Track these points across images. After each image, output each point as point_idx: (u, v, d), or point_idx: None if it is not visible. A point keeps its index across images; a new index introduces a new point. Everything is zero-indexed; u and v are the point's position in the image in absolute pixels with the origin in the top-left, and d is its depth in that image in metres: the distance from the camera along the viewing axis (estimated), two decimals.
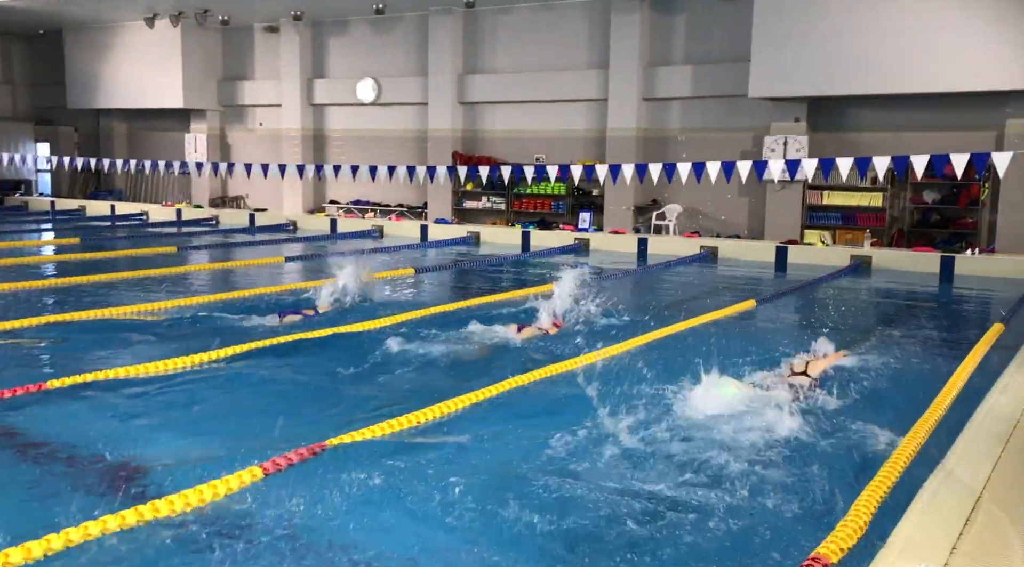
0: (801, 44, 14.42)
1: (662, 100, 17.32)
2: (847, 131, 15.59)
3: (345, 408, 5.73)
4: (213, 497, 4.10)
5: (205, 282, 11.42)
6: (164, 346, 7.28)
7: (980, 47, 13.15)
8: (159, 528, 3.84)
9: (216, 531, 3.85)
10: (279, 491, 4.23)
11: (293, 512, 4.04)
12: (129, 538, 3.73)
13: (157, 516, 3.89)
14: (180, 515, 3.95)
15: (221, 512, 4.02)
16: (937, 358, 7.14)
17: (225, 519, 3.97)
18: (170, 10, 20.44)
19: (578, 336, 7.58)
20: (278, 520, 3.97)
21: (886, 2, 13.76)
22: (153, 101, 22.52)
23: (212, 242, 16.17)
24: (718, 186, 14.86)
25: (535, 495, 4.28)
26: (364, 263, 9.41)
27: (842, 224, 15.63)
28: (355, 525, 3.98)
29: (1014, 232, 13.97)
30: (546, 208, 18.82)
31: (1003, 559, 3.26)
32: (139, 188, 24.78)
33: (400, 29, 20.23)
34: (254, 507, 4.09)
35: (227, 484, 4.22)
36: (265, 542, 3.78)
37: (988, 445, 4.55)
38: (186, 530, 3.85)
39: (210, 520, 3.95)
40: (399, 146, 20.71)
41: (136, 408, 5.64)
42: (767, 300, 10.13)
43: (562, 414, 5.51)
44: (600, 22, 17.77)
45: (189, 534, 3.83)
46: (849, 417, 5.51)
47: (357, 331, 7.86)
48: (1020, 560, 3.25)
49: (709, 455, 4.80)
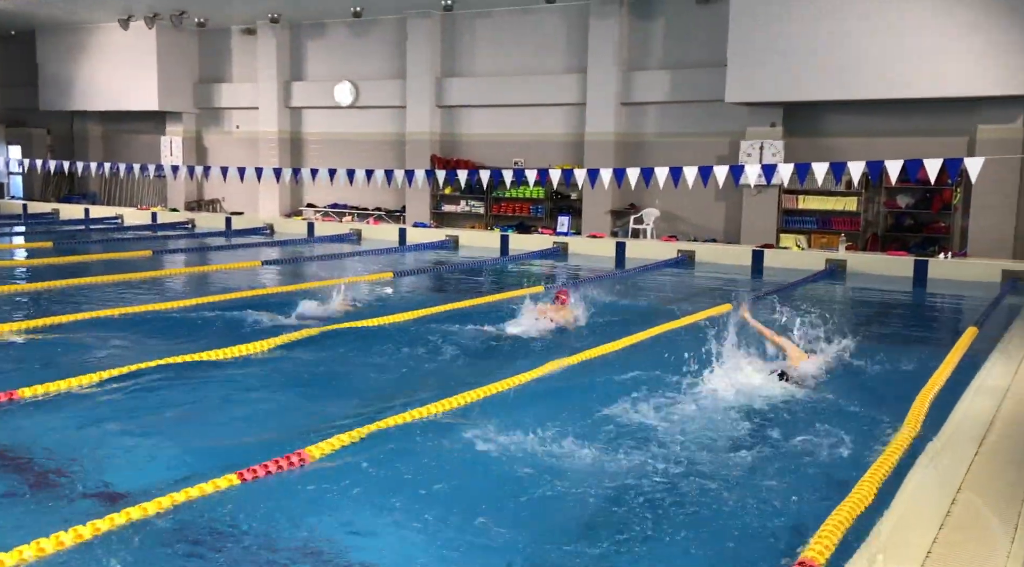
0: (777, 50, 14.54)
1: (640, 105, 17.40)
2: (822, 136, 15.74)
3: (321, 415, 5.70)
4: (187, 500, 4.06)
5: (181, 286, 11.32)
6: (140, 351, 7.20)
7: (952, 54, 13.32)
8: (136, 534, 3.79)
9: (196, 538, 3.82)
10: (256, 497, 4.20)
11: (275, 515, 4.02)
12: (104, 545, 3.68)
13: (131, 520, 3.84)
14: (155, 520, 3.90)
15: (197, 517, 3.98)
16: (915, 362, 7.21)
17: (202, 525, 3.93)
18: (145, 12, 20.25)
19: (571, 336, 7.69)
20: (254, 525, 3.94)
21: (861, 10, 13.91)
22: (128, 103, 22.30)
23: (188, 246, 16.03)
24: (695, 190, 14.94)
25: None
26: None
27: (817, 228, 15.77)
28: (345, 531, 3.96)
29: (986, 236, 14.16)
30: (525, 212, 18.83)
31: (978, 560, 3.30)
32: (114, 191, 24.51)
33: (378, 32, 20.18)
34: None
35: (202, 489, 4.18)
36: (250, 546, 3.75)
37: (963, 447, 4.60)
38: (165, 535, 3.81)
39: (187, 525, 3.91)
40: (377, 149, 20.64)
41: (109, 413, 5.57)
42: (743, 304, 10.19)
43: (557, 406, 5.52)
44: (578, 26, 17.83)
45: (166, 539, 3.78)
46: (832, 419, 5.56)
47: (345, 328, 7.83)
48: (995, 561, 3.28)
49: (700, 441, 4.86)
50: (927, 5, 13.46)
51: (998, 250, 13.95)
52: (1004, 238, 14.05)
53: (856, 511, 3.81)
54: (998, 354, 7.15)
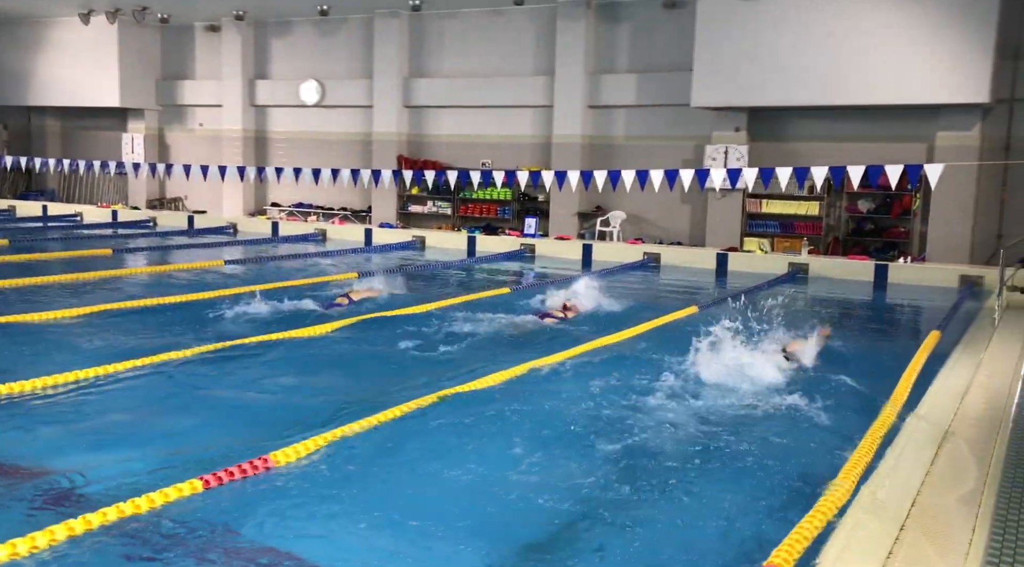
0: (742, 56, 14.70)
1: (607, 108, 17.49)
2: (786, 141, 15.95)
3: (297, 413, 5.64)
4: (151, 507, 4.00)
5: (141, 285, 11.13)
6: (100, 352, 7.07)
7: (913, 63, 13.58)
8: (97, 540, 3.72)
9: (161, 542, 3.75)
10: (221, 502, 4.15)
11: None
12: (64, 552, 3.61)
13: (90, 528, 3.77)
14: (118, 526, 3.83)
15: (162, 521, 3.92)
16: (879, 366, 7.30)
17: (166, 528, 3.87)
18: (106, 6, 19.91)
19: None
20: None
21: (824, 17, 14.12)
22: (88, 99, 21.90)
23: (149, 244, 15.78)
24: (661, 193, 15.05)
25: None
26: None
27: (780, 232, 15.97)
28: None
29: (944, 241, 14.44)
30: (492, 213, 18.82)
31: (936, 561, 3.35)
32: (73, 189, 24.05)
33: (345, 31, 20.05)
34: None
35: (165, 494, 4.11)
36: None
37: (923, 450, 4.68)
38: (125, 541, 3.74)
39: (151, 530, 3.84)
40: (343, 149, 20.51)
41: (68, 415, 5.46)
42: (708, 306, 10.28)
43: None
44: (546, 29, 17.87)
45: (127, 545, 3.72)
46: (798, 424, 5.64)
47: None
48: (953, 561, 3.34)
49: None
50: (889, 15, 13.70)
51: (955, 255, 14.24)
52: (961, 243, 14.34)
53: (826, 517, 3.82)
54: (957, 357, 7.29)
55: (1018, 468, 4.36)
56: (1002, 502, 3.89)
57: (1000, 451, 4.64)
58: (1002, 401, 5.76)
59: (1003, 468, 4.35)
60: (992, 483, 4.14)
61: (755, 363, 6.75)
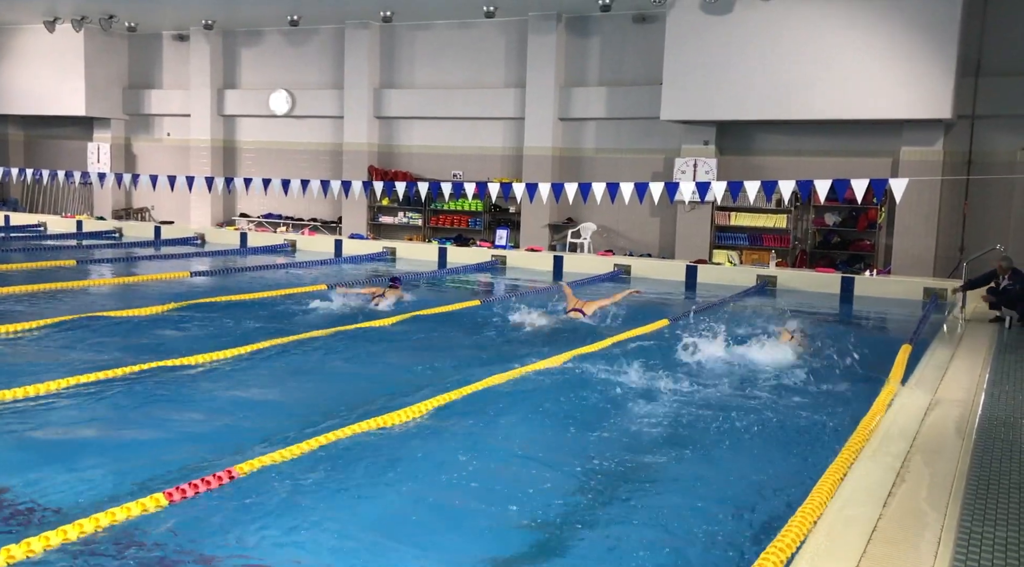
0: (710, 70, 14.86)
1: (577, 120, 17.57)
2: (754, 154, 16.13)
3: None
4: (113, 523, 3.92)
5: (106, 296, 10.95)
6: (61, 365, 6.94)
7: (877, 79, 13.81)
8: (57, 558, 3.64)
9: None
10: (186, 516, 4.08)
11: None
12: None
13: (49, 547, 3.68)
14: (80, 543, 3.75)
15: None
16: (852, 380, 7.36)
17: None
18: (72, 14, 19.65)
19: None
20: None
21: (792, 34, 14.33)
22: (53, 108, 21.58)
23: (114, 256, 15.55)
24: (631, 206, 15.14)
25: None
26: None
27: (748, 245, 16.12)
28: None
29: (908, 254, 14.67)
30: (463, 225, 18.80)
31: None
32: (37, 198, 23.64)
33: (316, 41, 19.97)
34: None
35: (128, 510, 4.03)
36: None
37: (887, 466, 4.71)
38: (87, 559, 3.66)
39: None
40: (313, 159, 20.39)
41: (26, 431, 5.34)
42: (679, 318, 10.34)
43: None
44: (517, 42, 17.93)
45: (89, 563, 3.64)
46: (771, 439, 5.67)
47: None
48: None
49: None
50: (855, 33, 13.93)
51: (919, 268, 14.46)
52: (925, 256, 14.57)
53: (799, 534, 3.83)
54: (921, 370, 7.38)
55: (982, 481, 4.41)
56: (966, 515, 3.93)
57: (964, 464, 4.70)
58: (966, 414, 5.84)
59: (967, 481, 4.41)
60: (957, 496, 4.19)
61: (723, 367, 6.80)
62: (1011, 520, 3.88)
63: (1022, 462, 4.74)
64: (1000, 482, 4.40)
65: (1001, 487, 4.32)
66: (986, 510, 3.99)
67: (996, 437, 5.23)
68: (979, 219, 14.63)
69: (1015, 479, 4.46)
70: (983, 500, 4.12)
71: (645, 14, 16.58)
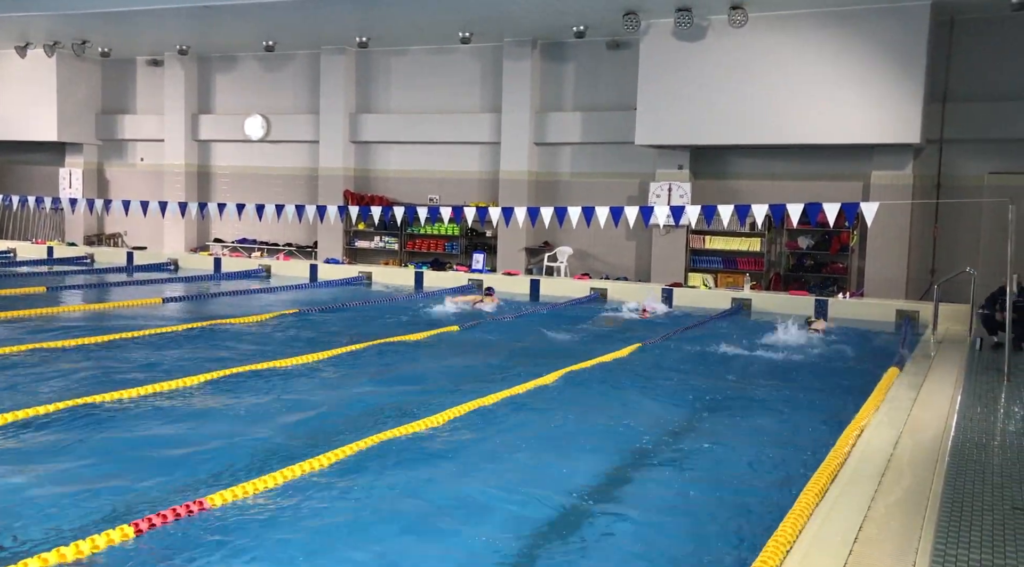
0: (683, 96, 15.02)
1: (553, 145, 17.68)
2: (727, 178, 16.28)
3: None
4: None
5: (76, 323, 10.79)
6: (32, 393, 6.82)
7: (848, 104, 14.03)
8: None
9: None
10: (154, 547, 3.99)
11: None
12: None
13: None
14: None
15: None
16: (832, 401, 7.38)
17: None
18: (44, 39, 19.52)
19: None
20: None
21: (763, 60, 14.53)
22: (25, 133, 21.38)
23: (86, 282, 15.36)
24: (607, 229, 15.20)
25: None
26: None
27: (723, 268, 16.23)
28: None
29: (880, 277, 14.83)
30: (440, 249, 18.79)
31: None
32: (7, 224, 23.34)
33: (291, 66, 19.98)
34: None
35: (94, 542, 3.94)
36: None
37: (860, 489, 4.72)
38: None
39: None
40: (289, 184, 20.33)
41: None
42: (653, 344, 10.36)
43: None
44: (493, 67, 18.04)
45: None
46: (750, 461, 5.66)
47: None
48: None
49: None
50: (825, 59, 14.16)
51: (892, 290, 14.62)
52: (897, 278, 14.74)
53: (779, 553, 3.81)
54: (895, 392, 7.43)
55: (955, 503, 4.43)
56: (940, 538, 3.94)
57: (938, 487, 4.72)
58: (939, 436, 5.87)
59: (941, 503, 4.42)
60: (931, 518, 4.20)
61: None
62: (984, 543, 3.89)
63: (995, 484, 4.77)
64: (974, 504, 4.42)
65: (975, 509, 4.34)
66: (959, 533, 4.00)
67: (969, 459, 5.26)
68: (949, 242, 14.85)
69: (988, 501, 4.48)
70: (957, 523, 4.14)
71: (619, 40, 16.76)
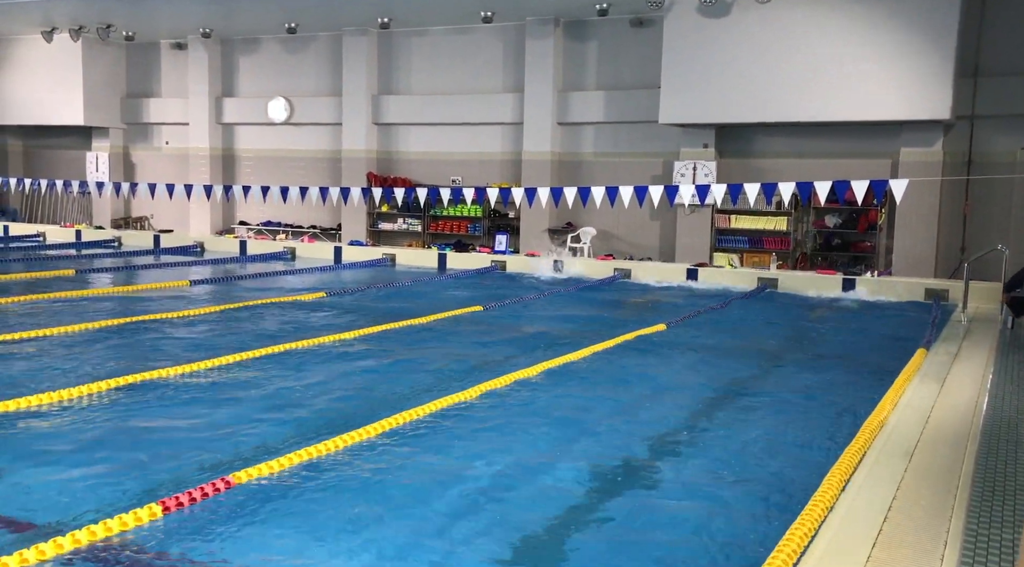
0: (709, 73, 14.84)
1: (576, 124, 17.55)
2: (753, 157, 16.09)
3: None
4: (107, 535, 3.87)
5: (105, 305, 10.92)
6: (62, 374, 6.91)
7: (876, 80, 13.78)
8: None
9: None
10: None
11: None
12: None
13: (44, 559, 3.64)
14: (74, 556, 3.70)
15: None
16: (860, 382, 7.30)
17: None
18: (70, 24, 19.65)
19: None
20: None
21: (790, 36, 14.30)
22: (52, 118, 21.58)
23: (114, 264, 15.53)
24: (631, 209, 15.10)
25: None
26: None
27: (749, 247, 16.08)
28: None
29: (909, 255, 14.62)
30: (462, 230, 18.78)
31: None
32: (36, 208, 23.64)
33: (313, 48, 19.98)
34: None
35: (123, 521, 3.99)
36: None
37: (890, 468, 4.67)
38: None
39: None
40: (312, 166, 20.38)
41: (19, 442, 5.30)
42: (677, 323, 10.30)
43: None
44: (515, 47, 17.92)
45: None
46: (778, 441, 5.61)
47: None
48: None
49: None
50: (853, 34, 13.91)
51: (920, 268, 14.41)
52: (926, 257, 14.53)
53: (807, 536, 3.78)
54: (924, 370, 7.34)
55: (987, 483, 4.37)
56: (972, 516, 3.88)
57: (969, 465, 4.65)
58: (969, 415, 5.79)
59: (972, 482, 4.36)
60: (962, 497, 4.15)
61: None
62: (1017, 522, 3.83)
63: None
64: (1006, 484, 4.35)
65: (1007, 489, 4.27)
66: (992, 511, 3.94)
67: (1001, 438, 5.19)
68: (980, 219, 14.59)
69: (1020, 481, 4.41)
70: (989, 501, 4.07)
71: (643, 18, 16.57)
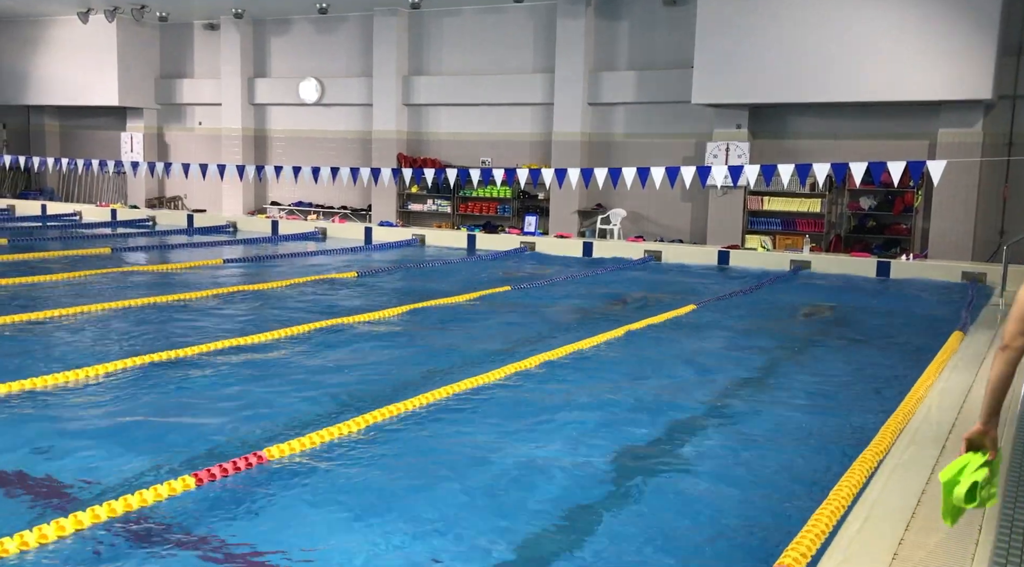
0: (742, 53, 14.62)
1: (607, 105, 17.41)
2: (787, 138, 15.87)
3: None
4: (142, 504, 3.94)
5: (141, 284, 11.08)
6: (97, 351, 7.03)
7: (913, 59, 13.49)
8: (88, 538, 3.67)
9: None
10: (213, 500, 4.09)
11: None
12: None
13: (81, 528, 3.72)
14: (110, 524, 3.78)
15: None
16: (894, 364, 7.21)
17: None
18: (105, 5, 19.84)
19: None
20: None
21: (825, 14, 14.04)
22: (87, 98, 21.85)
23: (148, 243, 15.74)
24: (662, 191, 14.98)
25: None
26: None
27: (782, 229, 15.89)
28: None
29: (945, 238, 14.36)
30: (492, 211, 18.75)
31: (943, 560, 3.30)
32: (72, 188, 24.00)
33: (344, 29, 19.99)
34: None
35: (157, 492, 4.06)
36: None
37: (924, 454, 4.61)
38: (119, 540, 3.69)
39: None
40: (343, 147, 20.44)
41: (59, 415, 5.41)
42: (705, 304, 10.23)
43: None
44: (546, 26, 17.80)
45: (120, 544, 3.66)
46: (809, 427, 5.57)
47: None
48: (960, 562, 3.29)
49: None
50: (891, 11, 13.62)
51: (957, 252, 14.16)
52: (963, 240, 14.26)
53: (835, 516, 3.76)
54: (960, 355, 7.23)
55: (1022, 466, 4.29)
56: (1008, 503, 3.82)
57: (1005, 451, 4.57)
58: (1007, 401, 5.68)
59: (1008, 469, 4.29)
60: (998, 483, 4.08)
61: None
62: None
63: None
64: None
65: None
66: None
67: None
68: (1020, 202, 14.27)
69: None
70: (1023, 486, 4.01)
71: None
